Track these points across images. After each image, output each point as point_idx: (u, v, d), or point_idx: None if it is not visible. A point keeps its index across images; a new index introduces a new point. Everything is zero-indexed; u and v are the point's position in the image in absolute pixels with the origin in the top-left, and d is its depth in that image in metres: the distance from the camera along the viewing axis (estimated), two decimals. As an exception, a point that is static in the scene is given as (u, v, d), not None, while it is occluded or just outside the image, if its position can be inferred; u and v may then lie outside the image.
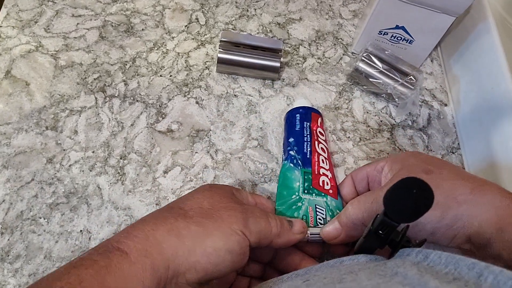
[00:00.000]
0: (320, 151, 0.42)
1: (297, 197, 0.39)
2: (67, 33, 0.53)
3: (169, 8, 0.57)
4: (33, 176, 0.43)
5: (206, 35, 0.56)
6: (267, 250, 0.37)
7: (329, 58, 0.56)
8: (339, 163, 0.48)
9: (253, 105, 0.51)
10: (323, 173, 0.41)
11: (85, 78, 0.50)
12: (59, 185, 0.43)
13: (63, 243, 0.40)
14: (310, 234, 0.36)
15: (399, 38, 0.52)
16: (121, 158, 0.45)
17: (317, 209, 0.38)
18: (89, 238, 0.40)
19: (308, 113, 0.45)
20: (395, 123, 0.52)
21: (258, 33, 0.57)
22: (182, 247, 0.27)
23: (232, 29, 0.57)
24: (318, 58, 0.56)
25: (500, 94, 0.47)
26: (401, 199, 0.24)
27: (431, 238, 0.30)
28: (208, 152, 0.47)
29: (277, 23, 0.58)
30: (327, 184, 0.40)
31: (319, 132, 0.44)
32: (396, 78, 0.50)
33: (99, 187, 0.43)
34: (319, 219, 0.38)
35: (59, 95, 0.48)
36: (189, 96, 0.50)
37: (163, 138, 0.47)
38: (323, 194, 0.39)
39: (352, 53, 0.57)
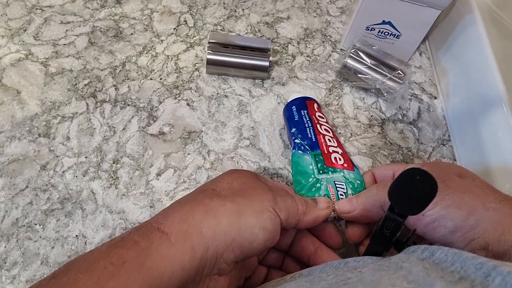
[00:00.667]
0: (324, 132, 0.42)
1: (314, 179, 0.38)
2: (56, 40, 0.53)
3: (157, 12, 0.57)
4: (27, 183, 0.43)
5: (195, 37, 0.56)
6: (288, 235, 0.37)
7: (318, 56, 0.57)
8: (331, 159, 0.48)
9: (243, 105, 0.51)
10: (333, 151, 0.41)
11: (76, 84, 0.50)
12: (54, 191, 0.43)
13: (59, 249, 0.40)
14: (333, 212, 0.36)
15: (386, 33, 0.53)
16: (114, 163, 0.45)
17: (337, 185, 0.38)
18: (85, 242, 0.41)
19: (302, 102, 0.46)
20: (385, 117, 0.52)
21: (246, 33, 0.57)
22: (219, 227, 0.28)
23: (221, 30, 0.57)
24: (307, 56, 0.56)
25: (488, 85, 0.48)
26: (405, 189, 0.25)
27: (448, 237, 0.30)
28: (200, 153, 0.47)
29: (265, 22, 0.59)
30: (340, 160, 0.40)
31: (318, 116, 0.44)
32: (384, 73, 0.50)
33: (93, 192, 0.44)
34: (340, 194, 0.37)
35: (51, 102, 0.48)
36: (179, 98, 0.51)
37: (155, 141, 0.47)
38: (338, 169, 0.39)
39: (341, 49, 0.57)
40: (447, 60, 0.55)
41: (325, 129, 0.43)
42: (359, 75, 0.51)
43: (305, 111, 0.44)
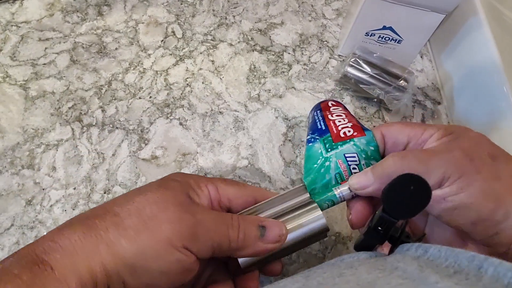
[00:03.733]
0: (335, 117, 0.37)
1: (322, 159, 0.34)
2: (35, 60, 0.49)
3: (142, 23, 0.54)
4: (12, 221, 0.40)
5: (185, 49, 0.52)
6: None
7: (315, 63, 0.54)
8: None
9: (240, 121, 0.48)
10: (342, 127, 0.35)
11: (59, 108, 0.47)
12: (42, 228, 0.40)
13: (51, 292, 0.37)
14: (343, 193, 0.33)
15: (387, 39, 0.50)
16: (104, 193, 0.43)
17: (347, 158, 0.33)
18: (78, 283, 0.38)
19: (317, 106, 0.42)
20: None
21: (239, 41, 0.54)
22: (111, 264, 0.24)
23: (211, 40, 0.54)
24: (304, 64, 0.53)
25: (495, 90, 0.45)
26: (399, 196, 0.25)
27: (467, 227, 0.27)
28: (196, 177, 0.44)
29: (258, 29, 0.55)
30: (349, 131, 0.35)
31: (333, 109, 0.40)
32: (387, 81, 0.47)
33: (84, 227, 0.41)
34: (353, 168, 0.33)
35: (33, 129, 0.45)
36: (171, 117, 0.48)
37: (148, 166, 0.45)
38: (348, 140, 0.34)
39: (339, 55, 0.54)
40: (451, 63, 0.53)
41: (337, 115, 0.38)
42: (360, 85, 0.48)
43: (318, 111, 0.40)
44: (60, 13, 0.53)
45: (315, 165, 0.34)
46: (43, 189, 0.42)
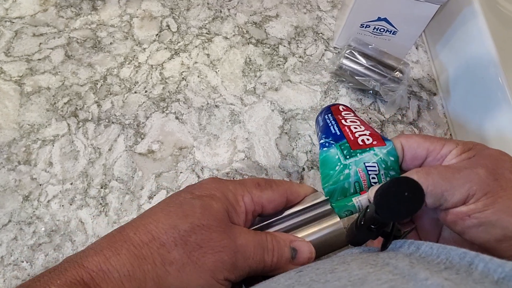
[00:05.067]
0: (349, 123, 0.37)
1: (341, 166, 0.33)
2: (30, 55, 0.49)
3: (137, 17, 0.53)
4: (10, 217, 0.40)
5: (180, 42, 0.52)
6: None
7: (311, 56, 0.54)
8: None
9: (236, 114, 0.48)
10: (359, 134, 0.35)
11: (55, 103, 0.47)
12: (39, 223, 0.40)
13: (49, 286, 0.38)
14: (361, 203, 0.33)
15: (382, 30, 0.50)
16: (101, 187, 0.43)
17: (367, 167, 0.33)
18: (77, 277, 0.38)
19: (327, 109, 0.41)
20: (384, 119, 0.50)
21: (234, 35, 0.54)
22: None
23: (206, 33, 0.53)
24: (300, 57, 0.53)
25: (490, 80, 0.46)
26: (392, 200, 0.25)
27: (492, 244, 0.27)
28: (193, 170, 0.45)
29: (253, 22, 0.55)
30: (368, 139, 0.34)
31: (345, 114, 0.40)
32: (382, 73, 0.47)
33: (81, 222, 0.41)
34: (372, 178, 0.33)
35: (29, 125, 0.45)
36: (167, 111, 0.48)
37: (144, 160, 0.45)
38: (367, 149, 0.33)
39: (334, 47, 0.54)
40: (446, 53, 0.53)
41: (351, 121, 0.38)
42: (356, 77, 0.48)
43: (329, 114, 0.40)
44: (54, 8, 0.53)
45: (333, 172, 0.34)
46: (40, 185, 0.42)
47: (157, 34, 0.53)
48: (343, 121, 0.37)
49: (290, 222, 0.33)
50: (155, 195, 0.43)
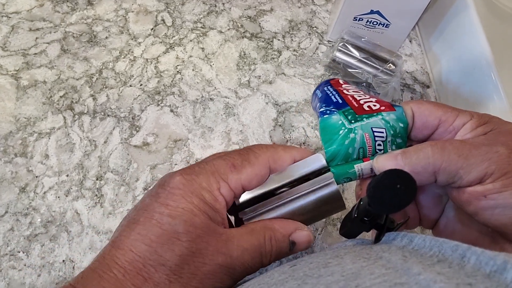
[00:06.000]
0: (352, 92, 0.34)
1: (345, 130, 0.30)
2: (26, 50, 0.50)
3: (132, 11, 0.54)
4: (6, 209, 0.41)
5: (175, 36, 0.53)
6: None
7: (305, 49, 0.54)
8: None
9: (230, 107, 0.49)
10: (364, 101, 0.32)
11: (51, 96, 0.47)
12: (35, 214, 0.41)
13: (46, 276, 0.38)
14: (363, 171, 0.30)
15: (375, 23, 0.50)
16: (97, 179, 0.43)
17: (375, 132, 0.30)
18: (73, 267, 0.39)
19: (326, 82, 0.38)
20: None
21: (229, 29, 0.54)
22: None
23: (201, 27, 0.54)
24: (294, 50, 0.54)
25: (482, 71, 0.46)
26: (385, 192, 0.24)
27: (509, 228, 0.26)
28: (188, 162, 0.45)
29: (247, 16, 0.56)
30: (375, 106, 0.31)
31: (345, 86, 0.36)
32: (375, 65, 0.48)
33: (77, 213, 0.41)
34: (378, 144, 0.30)
35: (25, 118, 0.46)
36: (162, 104, 0.48)
37: (140, 152, 0.45)
38: (375, 114, 0.30)
39: (328, 41, 0.55)
40: (439, 46, 0.53)
41: (353, 91, 0.34)
42: (349, 69, 0.49)
43: (329, 86, 0.36)
44: (50, 3, 0.53)
45: (337, 136, 0.30)
46: (36, 177, 0.43)
47: (152, 29, 0.53)
48: (344, 91, 0.34)
49: (288, 207, 0.30)
50: (150, 187, 0.43)
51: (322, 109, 0.33)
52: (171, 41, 0.52)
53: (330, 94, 0.34)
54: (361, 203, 0.28)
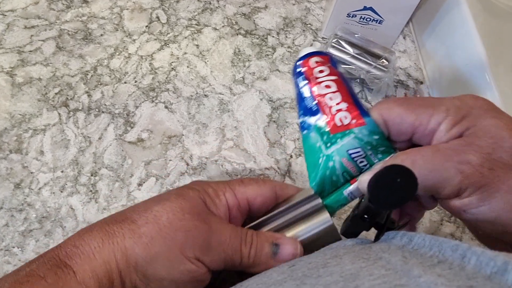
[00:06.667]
0: (323, 91, 0.32)
1: (324, 157, 0.31)
2: (21, 47, 0.50)
3: (127, 9, 0.54)
4: (1, 204, 0.41)
5: (169, 34, 0.53)
6: None
7: (299, 46, 0.54)
8: (318, 155, 0.47)
9: (225, 103, 0.49)
10: (336, 110, 0.31)
11: (46, 93, 0.47)
12: (30, 210, 0.41)
13: (40, 271, 0.38)
14: (353, 194, 0.31)
15: (368, 19, 0.50)
16: (92, 175, 0.43)
17: (351, 154, 0.30)
18: (67, 262, 0.39)
19: (298, 66, 0.35)
20: (371, 107, 0.51)
21: (223, 26, 0.55)
22: (125, 270, 0.26)
23: (196, 24, 0.54)
24: (288, 47, 0.54)
25: (474, 67, 0.46)
26: (385, 189, 0.24)
27: (496, 235, 0.26)
28: (182, 158, 0.45)
29: (242, 13, 0.56)
30: (346, 118, 0.31)
31: (318, 71, 0.34)
32: (368, 61, 0.48)
33: (72, 208, 0.42)
34: (360, 162, 0.30)
35: (20, 114, 0.46)
36: (157, 101, 0.48)
37: (134, 148, 0.45)
38: (347, 131, 0.30)
39: (323, 38, 0.55)
40: (432, 42, 0.54)
41: (325, 85, 0.32)
42: (342, 66, 0.49)
43: (302, 77, 0.34)
44: (45, 1, 0.53)
45: (318, 166, 0.31)
46: (31, 173, 0.43)
47: (147, 26, 0.53)
48: (316, 87, 0.33)
49: (279, 221, 0.32)
50: (144, 182, 0.44)
51: (300, 119, 0.34)
52: (166, 38, 0.53)
53: (302, 92, 0.34)
54: (362, 200, 0.27)
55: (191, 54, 0.52)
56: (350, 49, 0.48)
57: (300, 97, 0.34)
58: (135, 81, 0.49)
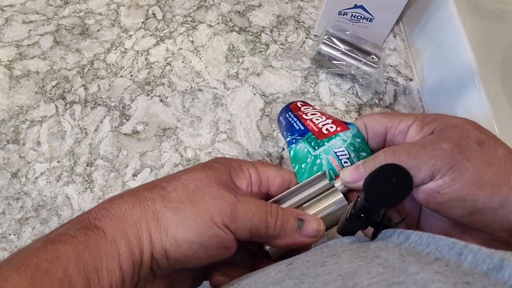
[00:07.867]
0: (310, 116, 0.38)
1: (312, 157, 0.35)
2: (19, 41, 0.51)
3: (123, 5, 0.55)
4: (-2, 193, 0.42)
5: (165, 30, 0.54)
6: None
7: (292, 43, 0.56)
8: (309, 148, 0.48)
9: (219, 97, 0.50)
10: (322, 124, 0.36)
11: (43, 86, 0.48)
12: (27, 199, 0.42)
13: (36, 258, 0.39)
14: (338, 188, 0.33)
15: (359, 17, 0.52)
16: (87, 165, 0.44)
17: (337, 153, 0.34)
18: (63, 249, 0.40)
19: (286, 108, 0.42)
20: (362, 102, 0.52)
21: (218, 23, 0.56)
22: (156, 232, 0.26)
23: (191, 21, 0.55)
24: (281, 44, 0.55)
25: (461, 65, 0.48)
26: (380, 186, 0.25)
27: (466, 218, 0.27)
28: (177, 150, 0.46)
29: (236, 11, 0.57)
30: (332, 127, 0.35)
31: (304, 109, 0.40)
32: (358, 58, 0.49)
33: (68, 197, 0.43)
34: (344, 162, 0.34)
35: (18, 106, 0.47)
36: (152, 94, 0.49)
37: (129, 140, 0.46)
38: (333, 136, 0.35)
39: (315, 35, 0.56)
40: (421, 41, 0.55)
41: (311, 114, 0.38)
42: (333, 61, 0.50)
43: (290, 113, 0.41)
44: (44, -3, 0.54)
45: (306, 165, 0.35)
46: (28, 163, 0.44)
47: (143, 22, 0.55)
48: (303, 115, 0.38)
49: (295, 199, 0.33)
50: (139, 173, 0.45)
51: (288, 139, 0.38)
52: (162, 34, 0.54)
53: (292, 122, 0.39)
54: (358, 199, 0.28)
55: (186, 50, 0.53)
56: (341, 46, 0.50)
57: (288, 126, 0.39)
58: (131, 75, 0.50)
